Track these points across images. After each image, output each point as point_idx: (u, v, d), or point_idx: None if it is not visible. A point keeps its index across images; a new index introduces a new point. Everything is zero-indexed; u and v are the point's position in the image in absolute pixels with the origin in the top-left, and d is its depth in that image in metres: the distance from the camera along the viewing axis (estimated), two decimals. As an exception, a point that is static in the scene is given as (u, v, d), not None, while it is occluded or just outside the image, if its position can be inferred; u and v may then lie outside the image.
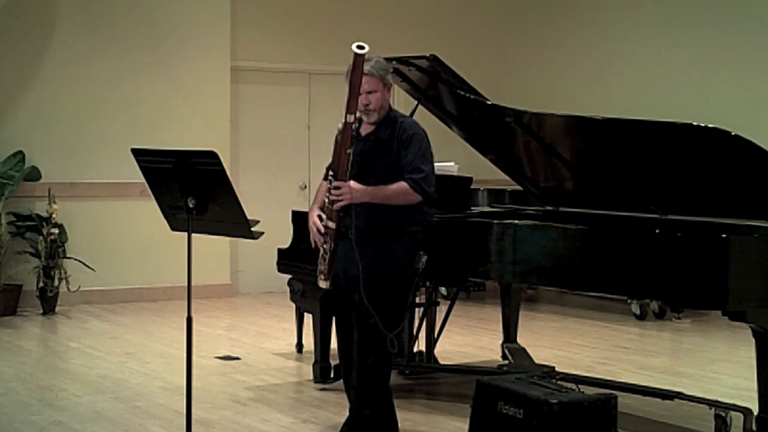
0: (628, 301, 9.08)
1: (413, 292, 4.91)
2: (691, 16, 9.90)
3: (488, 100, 5.98)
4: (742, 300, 4.67)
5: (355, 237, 4.69)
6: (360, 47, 4.59)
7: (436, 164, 6.35)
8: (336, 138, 4.74)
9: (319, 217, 4.75)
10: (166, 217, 4.69)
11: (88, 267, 9.18)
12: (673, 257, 4.73)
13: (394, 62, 6.06)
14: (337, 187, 4.65)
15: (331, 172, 4.70)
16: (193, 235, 4.49)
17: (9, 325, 8.48)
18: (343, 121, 4.63)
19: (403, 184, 4.68)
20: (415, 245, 4.76)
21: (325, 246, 4.74)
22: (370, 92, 4.72)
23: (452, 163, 6.57)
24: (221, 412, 5.79)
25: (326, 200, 4.71)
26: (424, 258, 4.77)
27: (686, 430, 5.52)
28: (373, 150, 4.78)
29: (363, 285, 4.66)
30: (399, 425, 4.97)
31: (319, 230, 4.75)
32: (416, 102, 6.31)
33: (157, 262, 9.61)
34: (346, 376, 5.00)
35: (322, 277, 4.77)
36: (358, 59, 4.60)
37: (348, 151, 4.65)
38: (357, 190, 4.66)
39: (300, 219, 6.22)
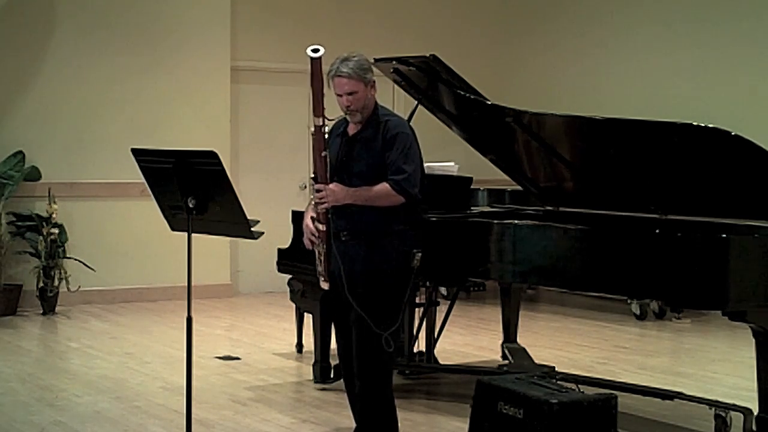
0: (628, 301, 9.08)
1: (411, 291, 4.83)
2: (691, 16, 9.90)
3: (488, 100, 5.98)
4: (742, 300, 4.67)
5: (347, 238, 4.68)
6: (315, 50, 4.55)
7: (436, 164, 6.40)
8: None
9: (313, 219, 4.76)
10: (166, 217, 4.69)
11: (88, 267, 9.18)
12: (673, 257, 4.73)
13: (394, 62, 6.07)
14: (318, 190, 4.65)
15: (312, 176, 4.69)
16: (193, 235, 4.49)
17: (9, 325, 8.48)
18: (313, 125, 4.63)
19: (385, 185, 4.62)
20: (408, 244, 4.69)
21: (317, 249, 4.76)
22: (350, 93, 4.67)
23: (452, 163, 6.57)
24: (221, 412, 5.79)
25: (313, 203, 4.72)
26: (418, 255, 4.69)
27: (686, 430, 5.52)
28: (359, 150, 4.72)
29: (355, 286, 4.64)
30: (399, 425, 4.96)
31: (312, 233, 4.76)
32: (416, 102, 6.31)
33: (157, 262, 9.61)
34: (347, 379, 4.97)
35: (322, 278, 4.80)
36: (315, 63, 4.57)
37: (323, 153, 4.63)
38: (338, 192, 4.64)
39: (300, 219, 6.19)
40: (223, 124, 10.04)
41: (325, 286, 4.80)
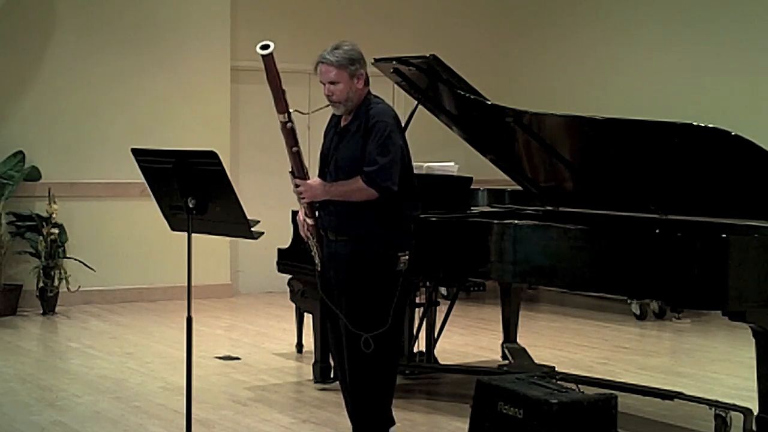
0: (628, 301, 9.08)
1: (403, 293, 4.61)
2: (691, 16, 9.90)
3: (488, 100, 5.98)
4: (742, 300, 4.67)
5: (332, 238, 4.63)
6: (264, 47, 4.41)
7: (436, 164, 6.40)
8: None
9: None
10: (166, 217, 4.69)
11: (88, 267, 9.18)
12: (673, 257, 4.73)
13: (394, 62, 6.07)
14: (297, 185, 4.60)
15: (290, 171, 4.64)
16: (193, 235, 4.49)
17: (9, 325, 8.48)
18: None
19: (357, 179, 4.47)
20: (393, 247, 4.54)
21: (310, 241, 4.74)
22: (332, 83, 4.54)
23: (452, 163, 6.57)
24: (221, 412, 5.79)
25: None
26: (404, 258, 4.54)
27: (686, 430, 5.53)
28: (344, 143, 4.61)
29: (340, 286, 4.60)
30: (397, 424, 4.95)
31: (303, 225, 4.74)
32: (416, 102, 6.31)
33: (157, 262, 9.61)
34: (341, 381, 4.91)
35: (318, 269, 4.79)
36: (266, 60, 4.46)
37: (294, 149, 4.58)
38: (315, 188, 4.58)
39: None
40: (223, 124, 10.03)
41: None
